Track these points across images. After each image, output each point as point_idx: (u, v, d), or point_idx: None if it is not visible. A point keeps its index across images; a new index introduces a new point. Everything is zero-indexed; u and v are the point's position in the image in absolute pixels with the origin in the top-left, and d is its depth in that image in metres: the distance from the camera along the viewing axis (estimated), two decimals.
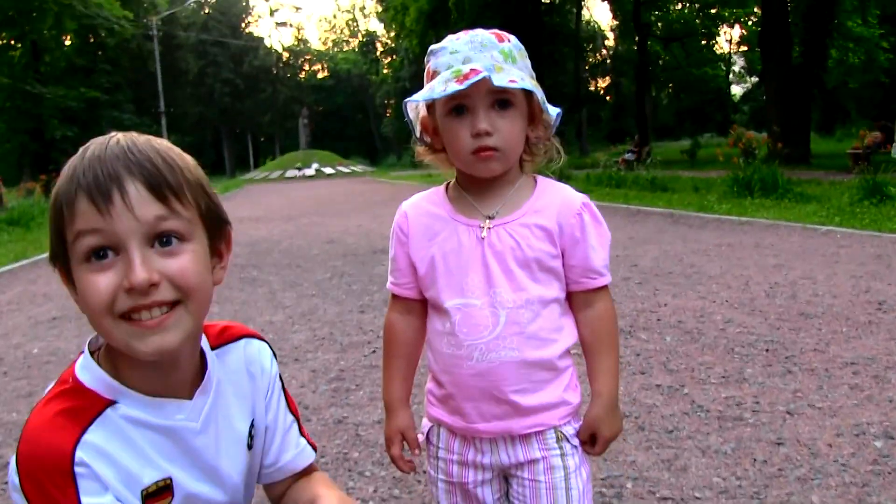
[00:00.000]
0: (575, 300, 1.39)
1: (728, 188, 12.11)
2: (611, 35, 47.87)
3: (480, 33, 1.30)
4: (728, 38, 49.84)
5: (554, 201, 1.36)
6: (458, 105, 1.28)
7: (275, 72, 66.85)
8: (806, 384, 3.20)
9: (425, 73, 1.34)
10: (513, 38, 1.32)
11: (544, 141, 1.39)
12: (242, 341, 1.28)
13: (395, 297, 1.47)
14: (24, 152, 27.81)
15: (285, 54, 67.82)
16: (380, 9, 48.05)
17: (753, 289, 5.10)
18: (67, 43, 33.49)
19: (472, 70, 1.22)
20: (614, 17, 40.32)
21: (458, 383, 1.36)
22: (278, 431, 1.29)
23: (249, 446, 1.23)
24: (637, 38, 34.34)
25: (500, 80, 1.22)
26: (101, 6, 29.02)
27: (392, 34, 44.26)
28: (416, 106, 1.40)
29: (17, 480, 1.00)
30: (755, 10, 30.26)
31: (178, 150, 1.10)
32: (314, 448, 1.35)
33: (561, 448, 1.38)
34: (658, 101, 55.47)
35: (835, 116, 40.39)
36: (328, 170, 40.29)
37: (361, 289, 5.95)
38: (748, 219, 9.07)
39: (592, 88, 61.36)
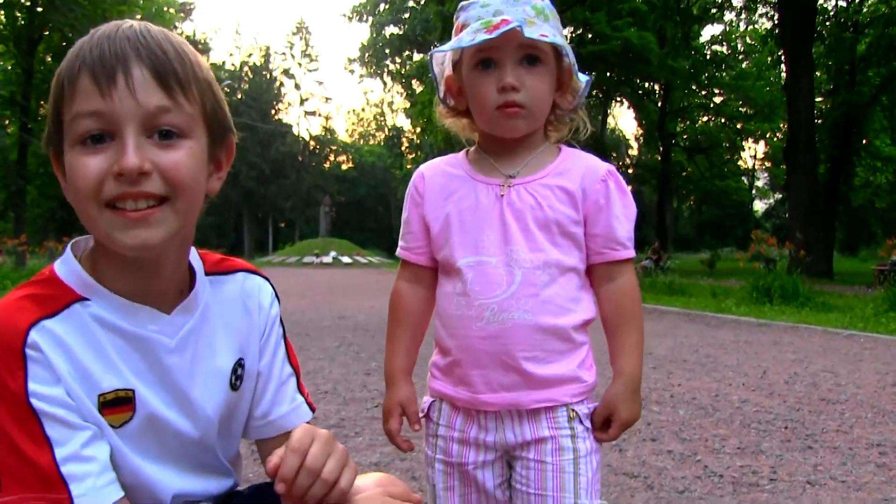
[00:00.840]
0: (597, 273, 1.32)
1: (747, 294, 11.95)
2: (635, 144, 48.79)
3: None
4: (752, 154, 50.65)
5: (579, 166, 1.31)
6: (485, 58, 1.25)
7: (301, 159, 68.48)
8: (828, 459, 3.02)
9: (454, 29, 1.31)
10: None
11: (570, 111, 1.34)
12: (241, 274, 1.21)
13: (404, 263, 1.40)
14: (52, 217, 28.45)
15: (312, 143, 69.74)
16: (408, 105, 49.58)
17: (771, 377, 4.93)
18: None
19: (503, 20, 1.20)
20: (639, 126, 41.20)
21: (466, 347, 1.27)
22: (272, 381, 1.20)
23: (234, 386, 1.14)
24: (661, 147, 34.97)
25: (531, 33, 1.19)
26: None
27: (418, 129, 45.47)
28: (442, 62, 1.36)
29: None
30: (781, 125, 30.84)
31: (191, 46, 1.06)
32: (312, 409, 1.23)
33: (572, 428, 1.27)
34: (679, 213, 55.94)
35: (859, 236, 40.37)
36: (345, 258, 40.63)
37: (369, 356, 5.83)
38: (767, 321, 8.90)
39: None
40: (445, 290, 1.32)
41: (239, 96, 67.04)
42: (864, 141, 25.77)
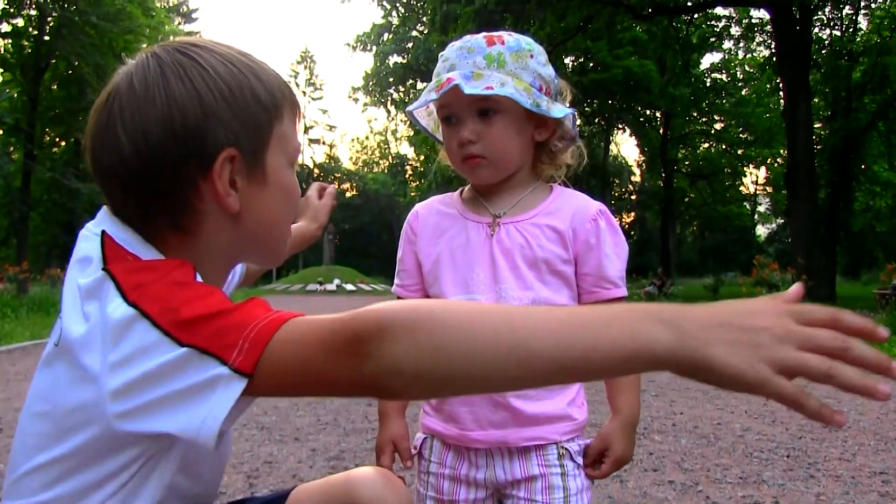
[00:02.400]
0: None
1: None
2: (637, 171, 48.97)
3: (473, 38, 1.27)
4: (754, 180, 50.74)
5: (569, 205, 1.31)
6: (446, 115, 1.28)
7: (305, 186, 68.60)
8: (831, 489, 3.01)
9: None
10: (514, 37, 1.27)
11: (558, 142, 1.32)
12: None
13: (399, 299, 1.41)
14: (55, 244, 28.43)
15: (316, 170, 70.05)
16: (411, 133, 49.93)
17: (773, 404, 4.86)
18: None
19: (447, 79, 1.20)
20: (641, 153, 41.37)
21: None
22: None
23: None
24: (663, 173, 35.07)
25: (472, 88, 1.18)
26: None
27: (422, 157, 45.72)
28: (428, 112, 1.39)
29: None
30: (781, 151, 30.94)
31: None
32: None
33: (563, 466, 1.27)
34: (682, 239, 55.90)
35: (861, 261, 40.30)
36: (349, 286, 40.53)
37: None
38: None
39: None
40: None
41: None
42: (863, 166, 25.84)
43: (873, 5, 24.56)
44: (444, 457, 1.33)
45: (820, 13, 23.73)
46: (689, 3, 23.51)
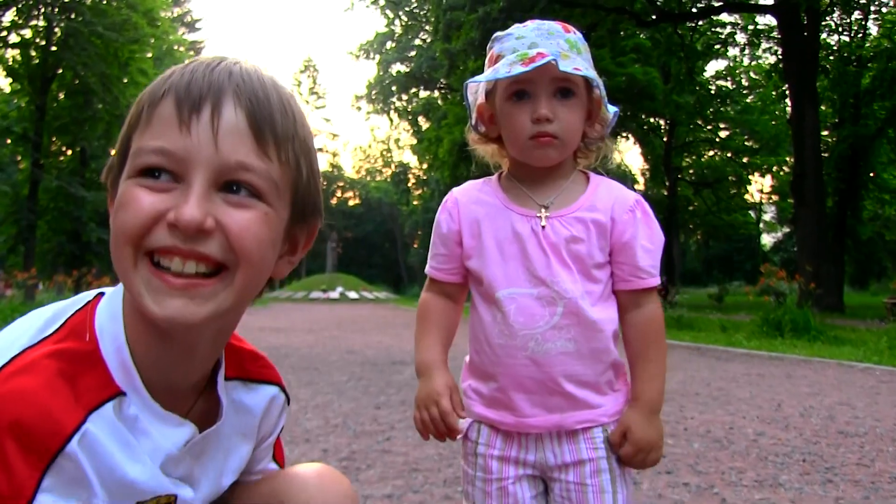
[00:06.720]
0: (623, 300, 1.35)
1: (757, 328, 11.83)
2: (641, 179, 48.94)
3: (547, 22, 1.31)
4: (759, 188, 50.69)
5: (609, 196, 1.34)
6: (519, 90, 1.29)
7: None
8: (850, 493, 2.96)
9: (487, 59, 1.35)
10: (578, 32, 1.33)
11: (598, 140, 1.39)
12: (274, 390, 1.13)
13: (434, 281, 1.42)
14: (61, 252, 28.68)
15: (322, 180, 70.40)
16: (414, 141, 50.04)
17: (786, 410, 4.86)
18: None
19: (538, 54, 1.23)
20: (645, 161, 41.34)
21: (511, 374, 1.31)
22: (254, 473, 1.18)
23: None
24: (667, 182, 35.03)
25: (565, 66, 1.22)
26: None
27: (425, 166, 45.76)
28: (475, 91, 1.40)
29: None
30: (787, 159, 30.89)
31: (299, 104, 0.93)
32: None
33: (608, 449, 1.32)
34: (686, 247, 55.82)
35: (869, 270, 40.12)
36: (352, 294, 40.62)
37: (378, 390, 5.78)
38: (779, 354, 8.80)
39: None
40: (485, 317, 1.34)
41: None
42: (871, 174, 25.76)
43: (884, 10, 24.50)
44: (494, 440, 1.36)
45: (828, 18, 23.68)
46: (694, 10, 23.55)
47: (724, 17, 27.93)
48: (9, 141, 26.65)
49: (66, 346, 0.85)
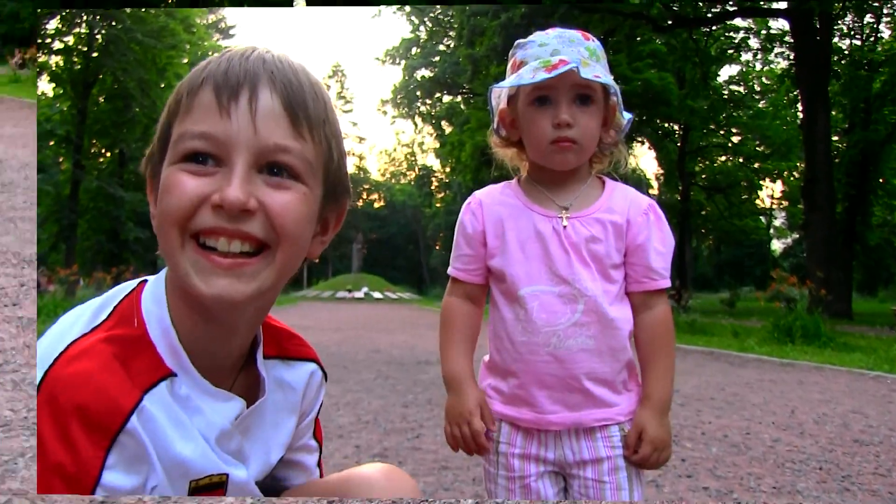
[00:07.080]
0: (634, 301, 1.41)
1: (768, 334, 11.90)
2: (655, 183, 48.89)
3: (569, 31, 1.38)
4: (770, 193, 50.51)
5: (625, 198, 1.42)
6: (541, 96, 1.35)
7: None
8: (869, 503, 3.08)
9: (510, 65, 1.41)
10: (596, 40, 1.39)
11: (612, 145, 1.45)
12: (313, 366, 1.20)
13: (457, 281, 1.47)
14: (100, 250, 29.40)
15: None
16: (437, 145, 50.13)
17: (800, 416, 4.99)
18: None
19: (560, 61, 1.30)
20: (659, 166, 41.34)
21: (532, 371, 1.36)
22: (294, 450, 1.23)
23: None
24: (680, 187, 35.02)
25: (586, 73, 1.29)
26: None
27: (447, 169, 45.94)
28: (498, 95, 1.47)
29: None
30: (798, 164, 30.83)
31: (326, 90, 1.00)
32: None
33: (625, 447, 1.39)
34: (698, 253, 55.69)
35: (878, 276, 39.97)
36: (377, 294, 41.02)
37: (406, 389, 5.93)
38: (791, 361, 8.89)
39: None
40: (506, 315, 1.39)
41: None
42: (881, 179, 25.67)
43: None
44: (514, 438, 1.42)
45: (840, 22, 23.57)
46: (710, 15, 23.56)
47: (738, 21, 27.90)
48: (51, 143, 27.43)
49: (117, 333, 0.91)
